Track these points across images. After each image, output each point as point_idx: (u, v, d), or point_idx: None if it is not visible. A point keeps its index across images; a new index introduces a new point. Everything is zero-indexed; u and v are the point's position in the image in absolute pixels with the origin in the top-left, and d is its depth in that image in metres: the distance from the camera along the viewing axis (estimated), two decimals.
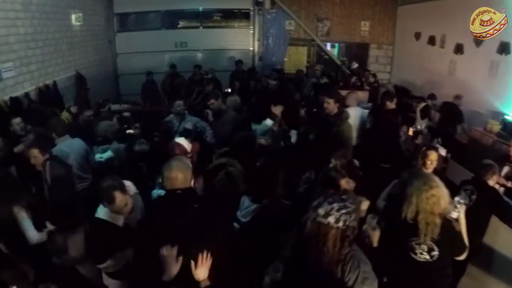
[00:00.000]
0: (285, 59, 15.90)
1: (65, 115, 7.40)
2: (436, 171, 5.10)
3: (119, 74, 15.20)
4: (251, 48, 15.44)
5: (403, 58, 15.15)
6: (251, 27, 15.24)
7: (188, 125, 7.02)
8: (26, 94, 8.34)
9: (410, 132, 8.58)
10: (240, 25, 15.54)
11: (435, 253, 3.44)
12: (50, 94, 9.19)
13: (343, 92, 7.73)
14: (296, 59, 16.37)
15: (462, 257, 3.65)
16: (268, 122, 6.25)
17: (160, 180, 3.96)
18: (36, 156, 4.84)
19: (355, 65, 14.08)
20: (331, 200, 2.60)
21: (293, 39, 15.81)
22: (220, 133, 6.73)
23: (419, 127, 8.79)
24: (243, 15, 15.34)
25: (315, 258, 2.63)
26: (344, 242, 2.60)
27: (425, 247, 3.46)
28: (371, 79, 12.85)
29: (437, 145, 7.59)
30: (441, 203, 3.40)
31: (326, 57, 16.19)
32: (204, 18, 15.29)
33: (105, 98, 10.09)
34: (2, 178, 4.68)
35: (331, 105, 6.27)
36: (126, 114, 8.17)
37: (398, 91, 12.64)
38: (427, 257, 3.46)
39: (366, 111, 7.72)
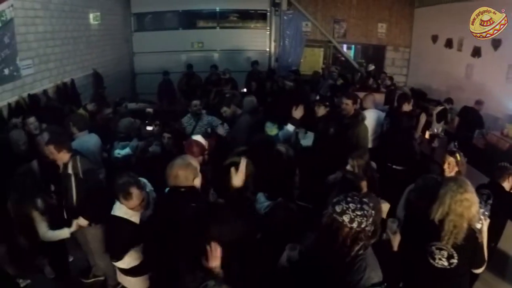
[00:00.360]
0: (301, 61, 15.87)
1: (81, 112, 7.44)
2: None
3: (136, 73, 15.34)
4: (267, 49, 15.43)
5: (420, 61, 14.99)
6: (268, 28, 15.23)
7: (205, 124, 7.06)
8: (44, 92, 8.45)
9: (427, 135, 8.52)
10: (257, 26, 15.55)
11: (454, 260, 3.40)
12: (68, 92, 9.29)
13: (360, 94, 7.70)
14: (312, 60, 16.37)
15: (480, 271, 3.61)
16: (290, 127, 6.17)
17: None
18: (53, 152, 4.89)
19: (371, 67, 13.99)
20: (350, 199, 2.64)
21: (309, 40, 15.77)
22: (235, 139, 6.67)
23: (435, 130, 8.72)
24: (260, 16, 15.34)
25: (324, 251, 2.73)
26: (354, 243, 2.61)
27: (445, 253, 3.42)
28: (388, 82, 12.77)
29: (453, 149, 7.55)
30: (472, 209, 3.38)
31: (343, 58, 16.14)
32: (221, 18, 15.31)
33: (122, 96, 10.16)
34: (21, 175, 4.72)
35: (349, 106, 6.27)
36: (149, 110, 8.25)
37: (415, 94, 12.52)
38: (445, 263, 3.42)
39: (383, 113, 7.69)
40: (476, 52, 10.78)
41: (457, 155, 4.93)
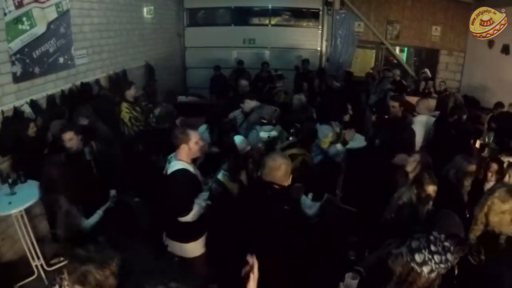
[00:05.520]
0: (352, 61, 15.69)
1: (124, 105, 7.61)
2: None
3: (187, 67, 15.57)
4: (318, 48, 15.29)
5: (475, 66, 14.40)
6: (320, 27, 15.09)
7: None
8: (97, 81, 8.73)
9: (477, 145, 8.27)
10: (309, 24, 15.42)
11: None
12: (120, 82, 9.51)
13: (411, 99, 7.57)
14: (364, 61, 16.15)
15: None
16: (339, 147, 6.24)
17: None
18: (72, 138, 5.20)
19: (425, 72, 13.67)
20: (434, 248, 2.36)
21: (361, 41, 15.53)
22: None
23: (486, 140, 8.46)
24: (312, 15, 15.20)
25: None
26: None
27: None
28: (442, 87, 12.43)
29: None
30: None
31: (395, 61, 15.83)
32: (273, 16, 15.28)
33: (171, 89, 10.33)
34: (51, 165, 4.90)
35: (396, 109, 6.21)
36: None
37: (467, 101, 12.19)
38: None
39: (432, 118, 7.55)
40: None
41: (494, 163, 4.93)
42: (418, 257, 2.32)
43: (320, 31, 15.13)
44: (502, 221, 3.28)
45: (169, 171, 4.22)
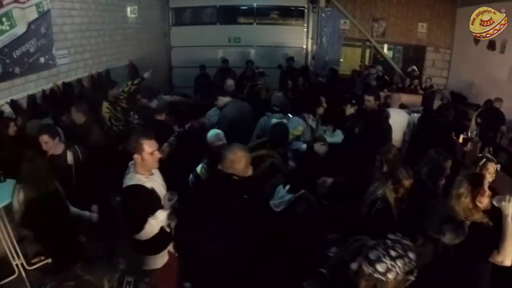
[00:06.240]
0: (341, 60, 15.73)
1: (105, 104, 7.62)
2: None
3: (173, 66, 15.59)
4: (304, 46, 15.34)
5: (461, 63, 14.40)
6: (305, 25, 15.14)
7: None
8: (79, 80, 8.74)
9: (460, 139, 8.33)
10: (294, 22, 15.48)
11: None
12: (103, 82, 9.52)
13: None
14: (352, 60, 16.18)
15: None
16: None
17: None
18: (47, 141, 5.08)
19: (413, 69, 13.73)
20: (395, 253, 2.29)
21: (348, 38, 15.59)
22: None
23: (469, 134, 8.52)
24: (297, 13, 15.25)
25: None
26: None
27: None
28: (428, 84, 12.50)
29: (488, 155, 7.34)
30: None
31: (381, 59, 15.87)
32: (258, 14, 15.30)
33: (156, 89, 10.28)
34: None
35: (370, 103, 6.26)
36: None
37: (454, 98, 12.25)
38: None
39: (416, 115, 7.59)
40: None
41: (492, 163, 4.83)
42: (380, 267, 2.26)
43: (305, 29, 15.19)
44: (462, 205, 3.40)
45: (124, 183, 3.81)
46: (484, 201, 3.45)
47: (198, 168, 4.71)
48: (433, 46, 15.31)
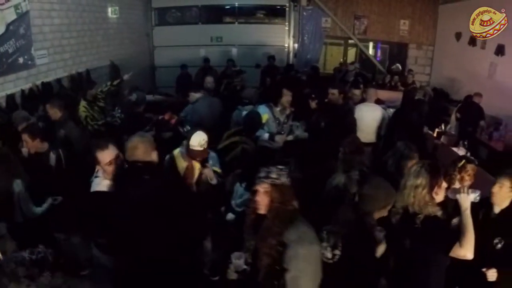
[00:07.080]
0: (326, 59, 15.80)
1: (82, 103, 7.67)
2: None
3: (156, 66, 15.64)
4: (286, 45, 15.42)
5: (443, 59, 14.51)
6: (287, 23, 15.23)
7: None
8: (58, 80, 8.79)
9: (434, 134, 8.46)
10: (275, 21, 15.59)
11: None
12: (83, 82, 9.56)
13: (380, 93, 7.76)
14: (336, 58, 16.33)
15: None
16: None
17: None
18: (27, 141, 5.09)
19: (396, 66, 13.90)
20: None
21: (329, 36, 15.73)
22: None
23: (444, 128, 8.65)
24: (279, 11, 15.33)
25: None
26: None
27: None
28: (410, 80, 12.61)
29: (461, 147, 7.46)
30: None
31: (364, 57, 16.00)
32: (240, 13, 15.42)
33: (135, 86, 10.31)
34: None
35: (335, 96, 6.40)
36: None
37: (437, 94, 12.40)
38: None
39: (391, 110, 7.73)
40: (500, 50, 10.48)
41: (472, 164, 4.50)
42: (274, 174, 2.82)
43: (287, 28, 15.27)
44: (418, 197, 3.30)
45: (91, 187, 3.83)
46: (441, 193, 3.38)
47: (176, 151, 4.73)
48: (415, 43, 15.40)
